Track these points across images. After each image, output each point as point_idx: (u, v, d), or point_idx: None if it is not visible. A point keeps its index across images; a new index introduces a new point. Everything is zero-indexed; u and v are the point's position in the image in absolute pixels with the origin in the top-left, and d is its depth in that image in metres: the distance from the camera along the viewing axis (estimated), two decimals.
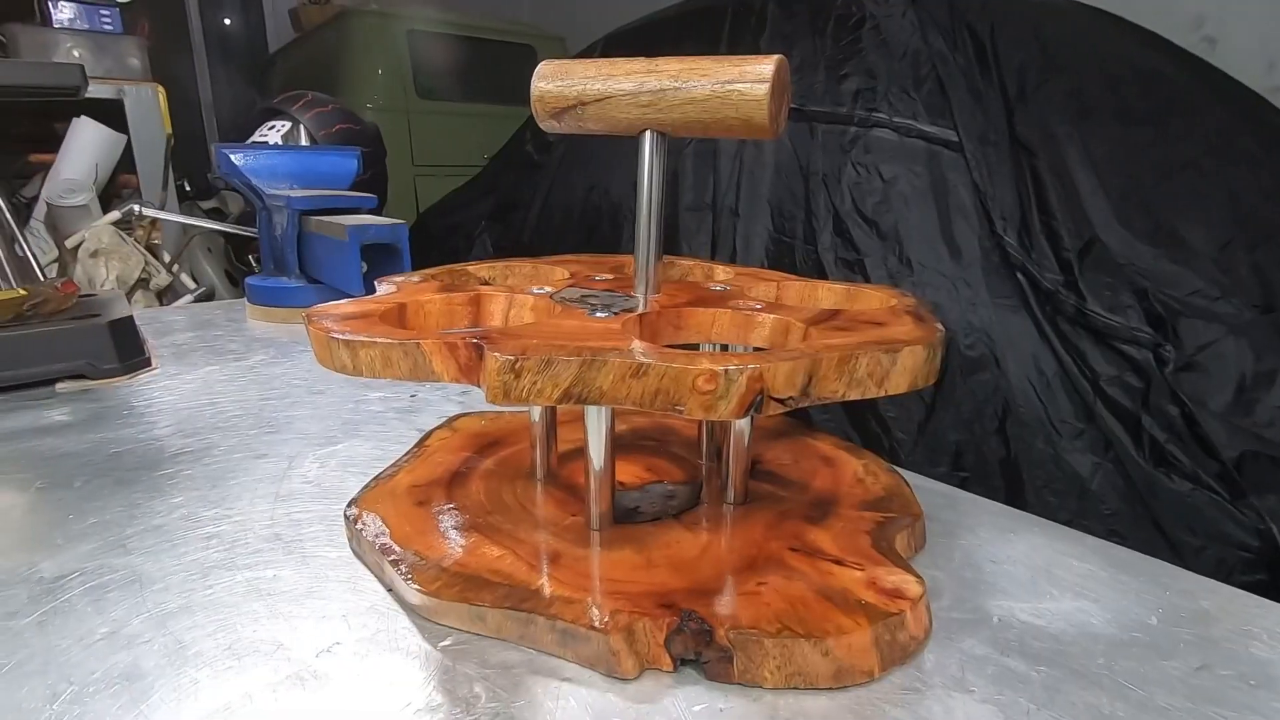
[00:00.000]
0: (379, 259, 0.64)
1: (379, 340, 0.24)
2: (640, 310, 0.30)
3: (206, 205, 2.15)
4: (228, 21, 3.73)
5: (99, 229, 1.25)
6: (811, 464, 0.36)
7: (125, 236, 1.28)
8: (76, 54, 1.53)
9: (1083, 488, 1.10)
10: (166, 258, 1.47)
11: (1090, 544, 0.33)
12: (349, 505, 0.32)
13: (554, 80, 0.30)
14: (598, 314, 0.28)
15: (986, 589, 0.29)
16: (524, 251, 0.52)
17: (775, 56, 0.27)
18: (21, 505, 0.36)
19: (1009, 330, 1.20)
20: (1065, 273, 1.11)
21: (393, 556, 0.28)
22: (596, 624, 0.24)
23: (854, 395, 0.23)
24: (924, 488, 0.38)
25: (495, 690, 0.23)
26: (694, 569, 0.27)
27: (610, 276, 0.36)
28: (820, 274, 1.39)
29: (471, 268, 0.38)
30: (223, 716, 0.22)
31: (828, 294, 0.36)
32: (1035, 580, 0.30)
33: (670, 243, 1.68)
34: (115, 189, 1.64)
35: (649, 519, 0.31)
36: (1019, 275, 1.19)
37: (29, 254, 1.20)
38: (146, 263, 1.25)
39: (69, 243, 1.26)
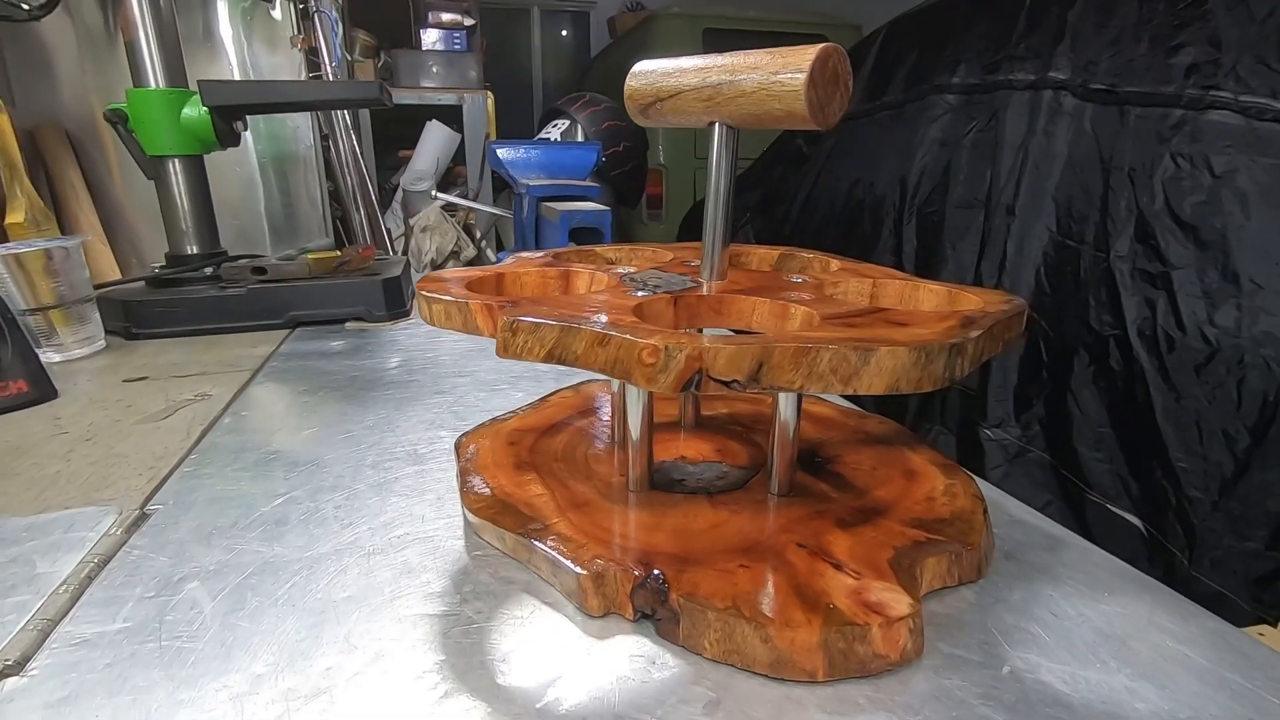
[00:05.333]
0: (588, 240, 0.72)
1: (442, 298, 0.30)
2: (701, 293, 0.32)
3: None
4: (564, 33, 4.28)
5: (431, 210, 1.57)
6: (888, 473, 0.34)
7: (447, 217, 1.59)
8: (435, 70, 1.93)
9: None
10: (478, 234, 1.78)
11: (1210, 625, 0.26)
12: (462, 435, 0.39)
13: (639, 79, 0.33)
14: (638, 293, 0.31)
15: (1021, 638, 0.26)
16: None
17: (822, 45, 0.26)
18: (284, 403, 0.50)
19: None
20: None
21: (467, 478, 0.34)
22: (575, 562, 0.27)
23: (816, 389, 0.23)
24: (1036, 526, 0.34)
25: (488, 595, 0.28)
26: (692, 540, 0.29)
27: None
28: (1110, 288, 1.18)
29: (599, 249, 0.43)
30: (312, 559, 0.30)
31: (929, 295, 0.34)
32: (1095, 646, 0.25)
33: (934, 243, 1.55)
34: (451, 178, 2.04)
35: (687, 491, 0.33)
36: None
37: (384, 228, 1.55)
38: (458, 238, 1.54)
39: (410, 220, 1.60)
